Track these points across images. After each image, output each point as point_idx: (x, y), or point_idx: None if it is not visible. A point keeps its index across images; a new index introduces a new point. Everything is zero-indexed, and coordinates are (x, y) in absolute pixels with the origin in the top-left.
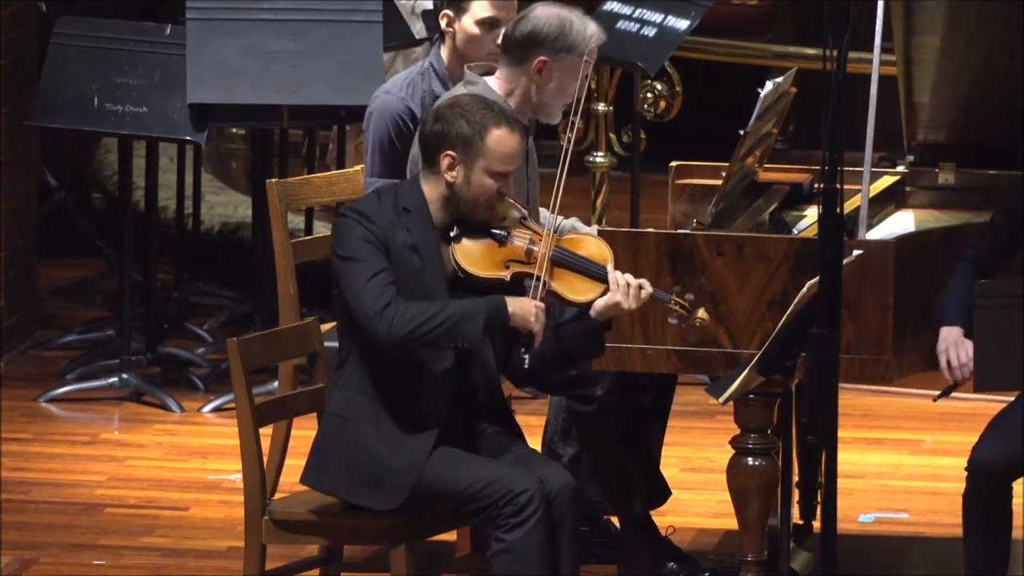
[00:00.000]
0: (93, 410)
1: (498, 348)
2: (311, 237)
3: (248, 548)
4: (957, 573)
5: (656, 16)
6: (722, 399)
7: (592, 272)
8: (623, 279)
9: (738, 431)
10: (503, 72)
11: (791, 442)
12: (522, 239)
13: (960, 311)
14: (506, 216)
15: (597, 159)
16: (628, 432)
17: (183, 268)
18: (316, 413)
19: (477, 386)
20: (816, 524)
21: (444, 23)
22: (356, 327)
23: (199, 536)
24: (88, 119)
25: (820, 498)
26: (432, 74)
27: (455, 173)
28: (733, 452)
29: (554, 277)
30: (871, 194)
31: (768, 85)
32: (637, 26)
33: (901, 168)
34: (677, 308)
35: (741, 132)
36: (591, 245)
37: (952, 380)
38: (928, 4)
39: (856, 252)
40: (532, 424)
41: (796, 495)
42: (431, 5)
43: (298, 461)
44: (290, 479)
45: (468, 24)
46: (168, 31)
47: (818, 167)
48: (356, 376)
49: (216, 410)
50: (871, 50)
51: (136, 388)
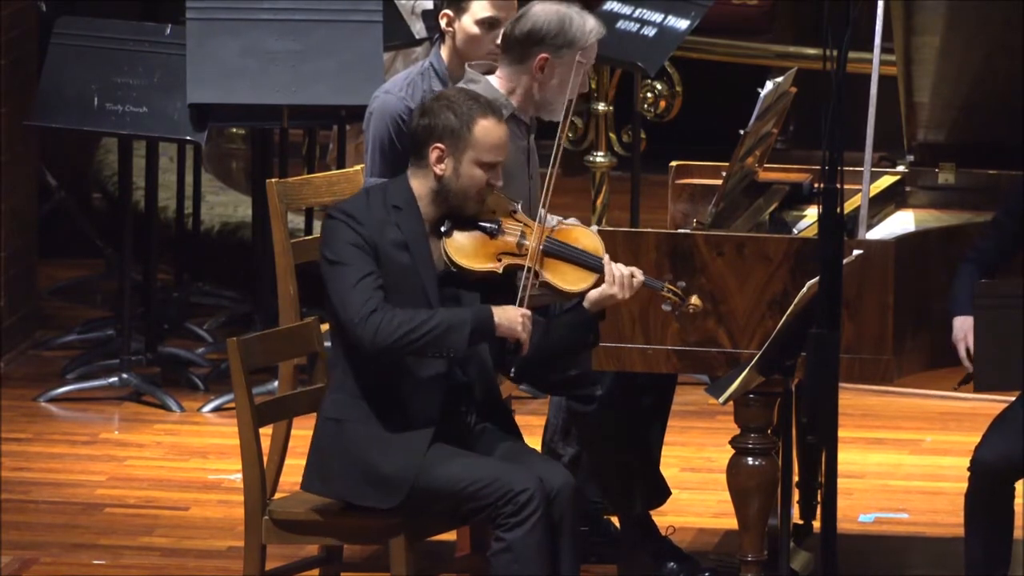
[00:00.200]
0: (93, 410)
1: (494, 346)
2: (311, 237)
3: (248, 548)
4: (957, 573)
5: (656, 16)
6: (722, 399)
7: (584, 262)
8: (615, 268)
9: (738, 431)
10: (504, 71)
11: (791, 442)
12: (513, 231)
13: (970, 301)
14: (496, 209)
15: (597, 159)
16: (628, 432)
17: (183, 268)
18: (316, 413)
19: (473, 384)
20: (816, 524)
21: (444, 23)
22: (342, 332)
23: (199, 536)
24: (88, 119)
25: (820, 498)
26: (432, 74)
27: (444, 166)
28: (733, 452)
29: (546, 268)
30: (871, 194)
31: (768, 85)
32: (637, 26)
33: (901, 168)
34: (670, 295)
35: (741, 132)
36: (582, 235)
37: (971, 368)
38: (928, 4)
39: (856, 252)
40: (532, 424)
41: (796, 495)
42: (431, 5)
43: (298, 461)
44: (290, 479)
45: (468, 24)
46: (168, 31)
47: (818, 167)
48: (348, 378)
49: (216, 410)
50: (871, 50)
51: (136, 388)
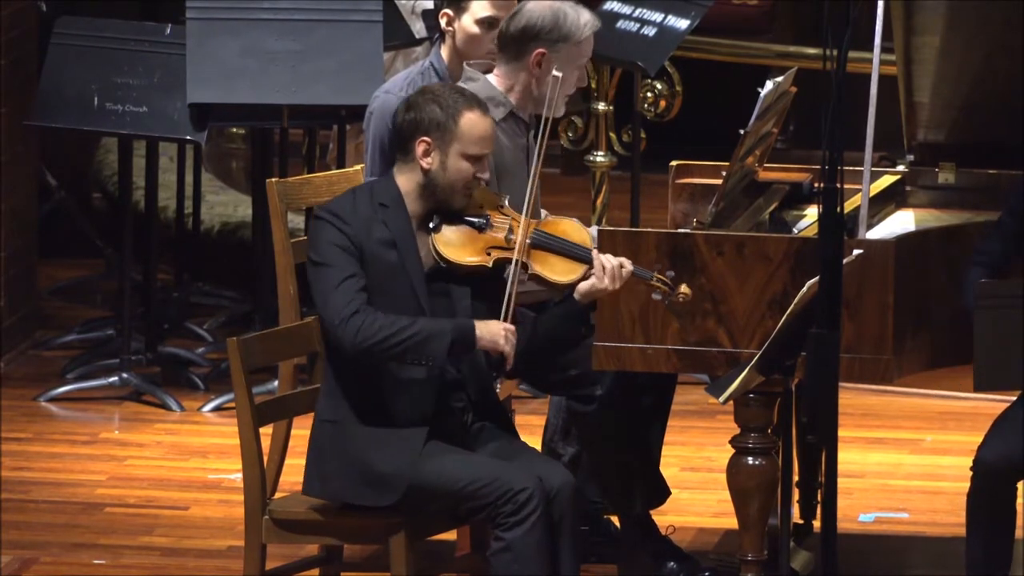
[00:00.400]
0: (93, 410)
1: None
2: None
3: (248, 548)
4: (957, 573)
5: (656, 16)
6: (722, 399)
7: (572, 253)
8: (604, 259)
9: (738, 431)
10: (501, 69)
11: (791, 442)
12: (501, 225)
13: None
14: (484, 203)
15: (597, 159)
16: (628, 432)
17: (183, 268)
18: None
19: (466, 381)
20: (816, 524)
21: (444, 22)
22: (324, 332)
23: (199, 536)
24: (88, 119)
25: (820, 498)
26: (432, 73)
27: (431, 159)
28: (733, 452)
29: (535, 260)
30: (871, 194)
31: (768, 85)
32: (637, 26)
33: (901, 168)
34: (659, 285)
35: (741, 132)
36: (569, 227)
37: None
38: (928, 4)
39: (856, 252)
40: (532, 424)
41: (796, 495)
42: (431, 5)
43: (298, 461)
44: (290, 479)
45: (468, 23)
46: (168, 31)
47: (818, 167)
48: (340, 379)
49: (216, 410)
50: (871, 50)
51: (136, 388)
